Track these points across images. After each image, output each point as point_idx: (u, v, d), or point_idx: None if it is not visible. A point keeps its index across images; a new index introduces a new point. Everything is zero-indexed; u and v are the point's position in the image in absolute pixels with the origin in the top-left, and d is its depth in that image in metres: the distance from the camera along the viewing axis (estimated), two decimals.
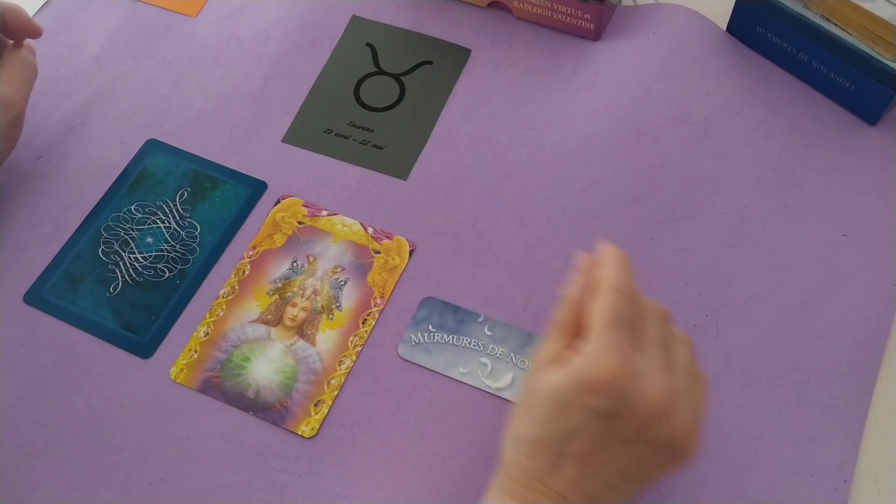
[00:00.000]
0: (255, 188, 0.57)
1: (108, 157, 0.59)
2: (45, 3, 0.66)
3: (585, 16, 0.59)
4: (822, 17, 0.53)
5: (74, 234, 0.55)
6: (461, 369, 0.49)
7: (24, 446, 0.48)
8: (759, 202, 0.54)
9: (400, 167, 0.57)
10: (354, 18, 0.64)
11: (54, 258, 0.55)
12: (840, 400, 0.47)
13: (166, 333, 0.52)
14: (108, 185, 0.57)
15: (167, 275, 0.54)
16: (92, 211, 0.56)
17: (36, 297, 0.53)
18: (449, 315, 0.51)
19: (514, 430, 0.40)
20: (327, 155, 0.58)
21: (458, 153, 0.57)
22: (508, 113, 0.58)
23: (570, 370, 0.37)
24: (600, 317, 0.38)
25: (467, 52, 0.61)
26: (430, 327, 0.51)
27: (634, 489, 0.39)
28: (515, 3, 0.61)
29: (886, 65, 0.51)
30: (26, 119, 0.55)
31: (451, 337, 0.50)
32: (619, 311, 0.38)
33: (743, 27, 0.59)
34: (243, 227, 0.55)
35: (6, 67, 0.54)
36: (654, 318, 0.40)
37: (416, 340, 0.50)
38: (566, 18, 0.60)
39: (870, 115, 0.55)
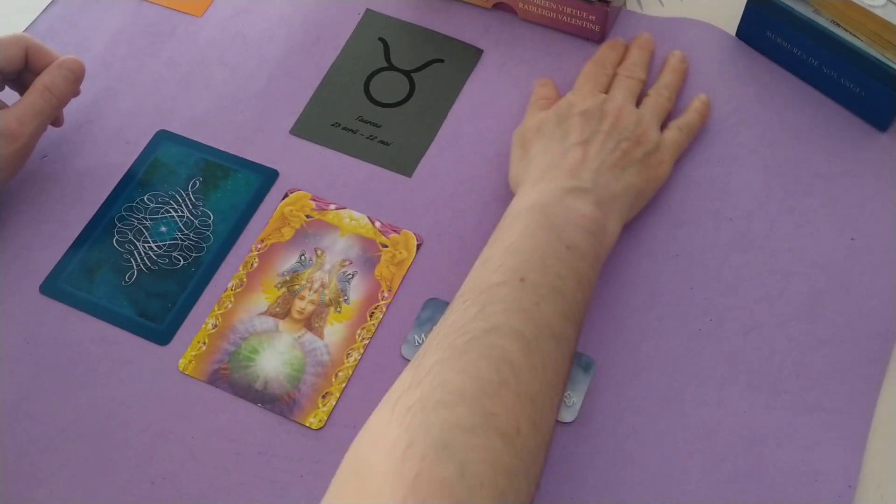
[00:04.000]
0: (267, 176, 0.57)
1: (114, 157, 0.59)
2: (51, 2, 0.66)
3: (590, 17, 0.59)
4: (833, 22, 0.53)
5: (88, 225, 0.56)
6: None
7: (31, 442, 0.48)
8: (765, 207, 0.53)
9: (405, 164, 0.57)
10: (368, 12, 0.64)
11: (69, 249, 0.55)
12: (845, 406, 0.47)
13: (183, 319, 0.52)
14: (117, 181, 0.57)
15: (182, 263, 0.54)
16: (105, 202, 0.57)
17: (53, 287, 0.54)
18: None
19: (529, 148, 0.52)
20: (334, 149, 0.58)
21: (463, 154, 0.57)
22: (513, 114, 0.58)
23: (564, 99, 0.54)
24: (584, 71, 0.57)
25: (479, 52, 0.61)
26: (434, 328, 0.50)
27: (630, 182, 0.50)
28: (520, 5, 0.61)
29: None
30: None
31: None
32: (595, 71, 0.56)
33: (752, 32, 0.58)
34: (254, 218, 0.55)
35: (24, 98, 0.53)
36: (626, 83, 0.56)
37: (420, 341, 0.50)
38: (571, 20, 0.60)
39: (880, 121, 0.55)
